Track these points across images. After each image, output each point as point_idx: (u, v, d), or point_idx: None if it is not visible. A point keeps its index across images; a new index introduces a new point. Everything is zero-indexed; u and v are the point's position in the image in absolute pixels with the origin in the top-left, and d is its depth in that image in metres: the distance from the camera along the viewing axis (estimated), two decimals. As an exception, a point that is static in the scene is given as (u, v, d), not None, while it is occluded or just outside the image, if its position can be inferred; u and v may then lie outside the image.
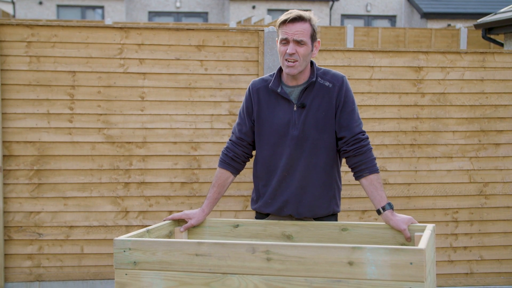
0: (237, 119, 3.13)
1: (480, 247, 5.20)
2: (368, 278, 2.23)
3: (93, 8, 24.54)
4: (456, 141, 5.14)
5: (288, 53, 2.86)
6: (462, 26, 18.57)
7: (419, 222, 5.06)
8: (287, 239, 2.93)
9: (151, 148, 4.91)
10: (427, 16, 23.73)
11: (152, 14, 25.23)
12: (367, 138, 2.97)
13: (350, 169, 3.00)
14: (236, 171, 3.09)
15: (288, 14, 2.89)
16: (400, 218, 2.84)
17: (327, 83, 2.95)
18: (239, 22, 20.22)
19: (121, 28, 4.87)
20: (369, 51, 5.06)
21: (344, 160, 3.06)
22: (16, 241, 4.83)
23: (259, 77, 3.14)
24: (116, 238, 2.48)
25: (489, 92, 5.17)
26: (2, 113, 4.77)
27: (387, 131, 5.08)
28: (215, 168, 4.91)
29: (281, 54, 2.90)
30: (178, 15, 25.27)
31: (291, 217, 3.01)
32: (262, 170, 3.02)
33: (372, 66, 5.07)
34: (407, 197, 5.12)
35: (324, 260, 2.27)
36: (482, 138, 5.16)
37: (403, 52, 5.09)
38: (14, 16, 23.00)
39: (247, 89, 3.07)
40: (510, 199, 5.20)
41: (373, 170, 2.92)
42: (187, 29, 4.93)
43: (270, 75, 3.05)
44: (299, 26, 2.85)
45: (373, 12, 26.35)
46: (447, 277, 5.17)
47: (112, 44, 4.86)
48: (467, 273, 5.20)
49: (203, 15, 25.52)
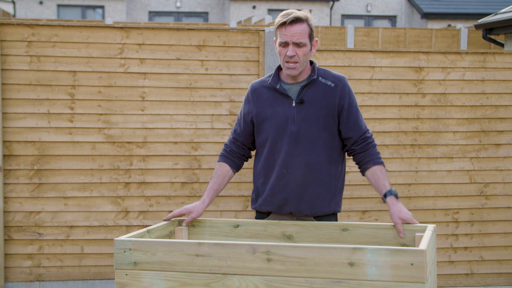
0: (236, 121, 3.18)
1: (480, 247, 5.20)
2: (369, 279, 2.23)
3: (94, 8, 24.54)
4: (457, 142, 5.14)
5: (289, 56, 2.87)
6: (462, 27, 18.56)
7: (420, 222, 5.06)
8: (288, 239, 2.93)
9: (152, 148, 4.91)
10: (428, 16, 23.72)
11: (153, 14, 25.24)
12: (372, 135, 3.04)
13: (356, 167, 3.08)
14: (235, 165, 3.11)
15: (285, 16, 2.88)
16: (397, 209, 2.84)
17: (329, 83, 2.96)
18: (239, 22, 20.22)
19: (121, 28, 4.87)
20: (370, 51, 5.06)
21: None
22: (16, 241, 4.83)
23: (258, 79, 3.17)
24: (116, 238, 2.48)
25: (489, 93, 5.16)
26: (3, 113, 4.77)
27: (388, 132, 5.08)
28: (216, 168, 4.93)
29: (281, 55, 2.92)
30: (178, 15, 25.27)
31: (291, 215, 3.01)
32: (262, 168, 3.03)
33: (373, 66, 5.06)
34: (408, 197, 5.12)
35: (324, 260, 2.26)
36: (482, 139, 5.16)
37: (404, 52, 5.09)
38: (14, 15, 23.01)
39: (247, 91, 3.10)
40: (510, 199, 5.20)
41: (377, 162, 2.97)
42: (188, 29, 4.93)
43: (269, 76, 3.08)
44: (297, 28, 2.86)
45: (374, 12, 26.35)
46: (447, 278, 5.17)
47: (113, 44, 4.85)
48: (467, 274, 5.19)
49: (204, 15, 25.52)
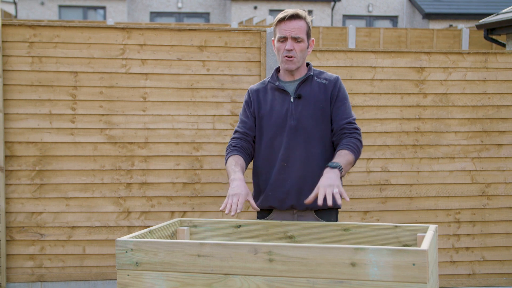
0: (238, 123, 3.16)
1: (482, 248, 5.19)
2: (371, 279, 2.23)
3: (95, 8, 24.55)
4: (458, 142, 5.14)
5: (287, 49, 2.97)
6: (464, 27, 18.54)
7: (422, 223, 5.07)
8: (289, 239, 2.92)
9: (153, 148, 4.91)
10: (429, 16, 23.71)
11: (154, 15, 25.25)
12: (356, 128, 3.00)
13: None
14: (246, 159, 3.05)
15: (285, 13, 3.00)
16: (326, 179, 2.71)
17: (323, 81, 3.07)
18: (240, 23, 20.22)
19: (123, 28, 4.87)
20: (371, 51, 5.06)
21: None
22: (18, 241, 4.84)
23: (255, 84, 3.24)
24: (118, 238, 2.48)
25: (491, 93, 5.16)
26: (4, 114, 4.77)
27: (389, 132, 5.08)
28: (217, 169, 4.94)
29: (279, 51, 3.02)
30: (179, 15, 25.28)
31: (292, 210, 3.02)
32: (262, 165, 3.06)
33: (374, 67, 5.06)
34: (409, 197, 5.11)
35: (326, 261, 2.26)
36: (484, 139, 5.16)
37: (405, 52, 5.09)
38: (16, 16, 23.03)
39: (246, 93, 3.17)
40: (512, 200, 5.20)
41: (345, 147, 2.91)
42: (189, 30, 4.94)
43: (266, 78, 3.19)
44: (296, 24, 2.97)
45: (375, 13, 26.34)
46: (449, 278, 5.16)
47: (114, 44, 4.86)
48: (469, 274, 5.19)
49: (205, 16, 25.53)
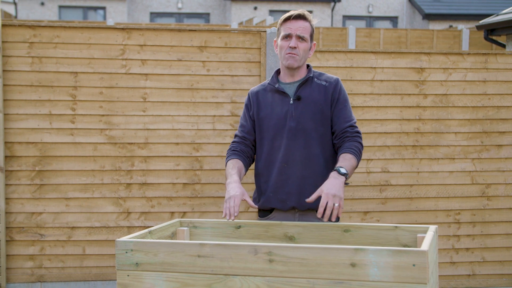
0: (238, 127, 3.21)
1: (482, 248, 5.19)
2: (371, 280, 2.23)
3: (95, 9, 24.56)
4: (459, 143, 5.13)
5: (291, 47, 2.99)
6: (464, 27, 18.54)
7: (422, 223, 5.07)
8: (289, 240, 2.92)
9: (153, 149, 4.91)
10: (429, 17, 23.72)
11: (154, 15, 25.25)
12: (357, 132, 3.02)
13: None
14: (245, 162, 3.09)
15: (291, 12, 3.04)
16: (331, 186, 2.71)
17: (323, 83, 3.08)
18: (240, 23, 20.22)
19: (123, 29, 4.87)
20: (371, 52, 5.06)
21: None
22: (18, 242, 4.83)
23: (256, 86, 3.30)
24: (118, 239, 2.48)
25: (491, 94, 5.16)
26: (4, 114, 4.77)
27: (389, 132, 5.08)
28: (217, 169, 4.94)
29: (282, 48, 3.03)
30: (179, 16, 25.28)
31: (294, 211, 3.02)
32: (263, 166, 3.08)
33: (374, 67, 5.06)
34: (409, 198, 5.11)
35: (326, 261, 2.26)
36: (484, 140, 5.16)
37: (405, 53, 5.09)
38: (16, 16, 23.03)
39: (246, 98, 3.19)
40: (512, 200, 5.19)
41: (347, 151, 2.92)
42: (189, 30, 4.94)
43: (267, 80, 3.21)
44: (301, 23, 3.01)
45: (375, 13, 26.34)
46: (449, 279, 5.16)
47: (114, 45, 4.86)
48: (469, 275, 5.19)
49: (205, 16, 25.53)
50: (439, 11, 23.84)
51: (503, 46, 9.46)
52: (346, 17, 26.22)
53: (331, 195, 2.70)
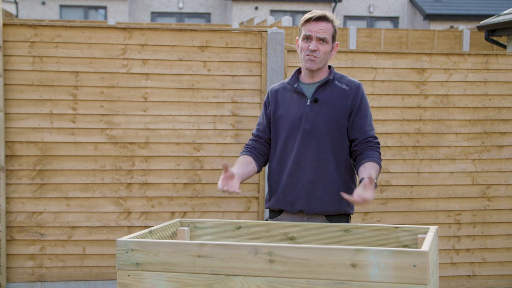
0: (256, 124, 3.21)
1: (482, 249, 5.19)
2: (371, 280, 2.23)
3: (96, 8, 24.56)
4: (459, 143, 5.13)
5: (310, 49, 2.94)
6: (465, 28, 18.53)
7: (422, 224, 5.07)
8: (290, 240, 2.92)
9: (154, 148, 4.91)
10: (430, 17, 23.71)
11: (155, 15, 25.25)
12: (378, 143, 3.00)
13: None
14: (257, 160, 3.08)
15: (313, 13, 2.98)
16: (362, 189, 2.71)
17: (344, 86, 3.02)
18: (241, 23, 20.22)
19: (124, 28, 4.87)
20: (372, 52, 5.06)
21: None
22: (19, 241, 4.84)
23: (278, 82, 3.26)
24: (118, 239, 2.48)
25: (492, 94, 5.16)
26: (5, 113, 4.77)
27: (390, 133, 5.08)
28: (218, 169, 4.94)
29: (302, 50, 2.98)
30: (180, 15, 25.28)
31: (302, 213, 3.01)
32: (275, 166, 3.06)
33: (375, 68, 5.06)
34: (410, 199, 5.11)
35: (327, 262, 2.26)
36: (485, 140, 5.15)
37: (406, 53, 5.09)
38: (17, 16, 23.04)
39: (266, 94, 3.16)
40: (513, 201, 5.19)
41: (372, 159, 2.90)
42: (190, 30, 4.94)
43: (287, 78, 3.16)
44: (323, 25, 2.95)
45: (376, 14, 26.34)
46: (449, 279, 5.16)
47: (115, 44, 4.86)
48: (469, 276, 5.19)
49: (206, 16, 25.53)
50: (440, 12, 23.84)
51: (504, 46, 9.45)
52: (347, 17, 26.22)
53: (359, 197, 2.69)
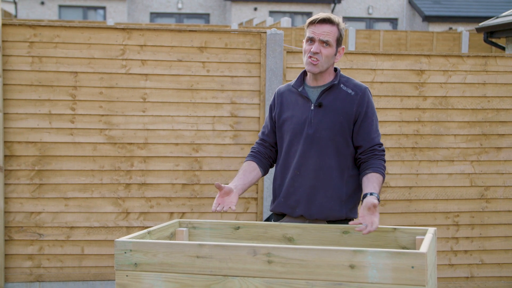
0: (262, 127, 3.21)
1: (481, 251, 5.20)
2: (370, 282, 2.23)
3: (95, 8, 24.56)
4: (458, 145, 5.14)
5: (312, 52, 2.92)
6: (463, 30, 18.54)
7: (420, 225, 5.07)
8: (288, 241, 2.93)
9: (153, 149, 4.91)
10: (429, 19, 23.73)
11: (154, 15, 25.25)
12: (383, 150, 2.98)
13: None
14: (262, 164, 3.09)
15: (317, 15, 2.97)
16: (376, 220, 2.71)
17: (349, 90, 2.99)
18: (240, 24, 20.22)
19: (123, 29, 4.87)
20: (371, 54, 5.06)
21: None
22: (17, 241, 4.83)
23: (285, 84, 3.25)
24: (117, 239, 2.48)
25: (491, 96, 5.16)
26: (4, 113, 4.77)
27: (389, 134, 5.08)
28: (217, 170, 4.94)
29: (305, 52, 2.96)
30: (180, 16, 25.28)
31: (303, 218, 3.01)
32: (279, 170, 3.06)
33: (374, 69, 5.06)
34: (408, 200, 5.12)
35: (325, 263, 2.26)
36: (483, 142, 5.16)
37: (405, 55, 5.09)
38: (16, 16, 23.03)
39: (273, 96, 3.14)
40: (511, 203, 5.19)
41: (376, 170, 2.90)
42: (190, 31, 4.94)
43: (294, 80, 3.13)
44: (326, 28, 2.93)
45: (375, 15, 26.36)
46: (447, 281, 5.16)
47: (114, 45, 4.86)
48: (467, 277, 5.19)
49: (205, 17, 25.54)
50: (439, 13, 23.86)
51: (503, 48, 9.46)
52: (346, 19, 26.21)
53: (373, 227, 2.70)
